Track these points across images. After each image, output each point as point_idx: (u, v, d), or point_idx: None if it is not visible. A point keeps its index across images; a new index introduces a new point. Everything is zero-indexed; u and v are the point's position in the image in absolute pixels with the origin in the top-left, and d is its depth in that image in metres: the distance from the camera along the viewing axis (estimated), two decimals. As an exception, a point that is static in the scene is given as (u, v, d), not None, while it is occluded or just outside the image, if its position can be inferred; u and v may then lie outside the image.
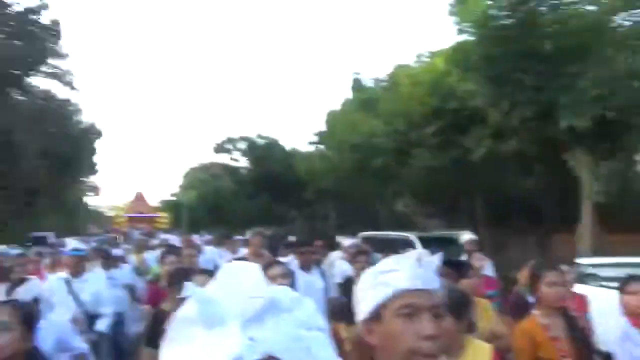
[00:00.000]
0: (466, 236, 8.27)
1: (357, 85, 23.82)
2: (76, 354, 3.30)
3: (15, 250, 13.88)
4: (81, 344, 3.48)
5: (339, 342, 1.97)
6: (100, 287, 4.83)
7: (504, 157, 13.72)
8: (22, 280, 3.25)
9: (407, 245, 12.53)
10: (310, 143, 28.86)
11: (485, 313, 3.18)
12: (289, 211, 33.14)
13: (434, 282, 1.18)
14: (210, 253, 8.27)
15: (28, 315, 2.23)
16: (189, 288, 0.56)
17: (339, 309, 4.40)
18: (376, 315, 1.19)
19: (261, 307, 0.53)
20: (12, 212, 27.62)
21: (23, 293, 2.94)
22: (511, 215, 17.51)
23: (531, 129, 12.26)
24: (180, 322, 0.57)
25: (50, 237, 30.05)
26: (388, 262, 1.21)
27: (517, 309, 3.75)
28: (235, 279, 0.55)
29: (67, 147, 34.59)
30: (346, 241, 6.45)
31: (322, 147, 24.36)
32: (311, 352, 0.54)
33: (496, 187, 15.99)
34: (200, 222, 43.38)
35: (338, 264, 6.27)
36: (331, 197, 25.71)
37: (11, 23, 27.53)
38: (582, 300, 4.12)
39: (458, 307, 1.97)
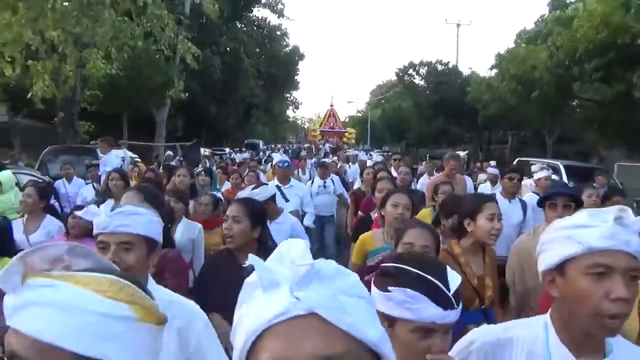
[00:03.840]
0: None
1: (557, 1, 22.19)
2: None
3: (243, 155, 19.73)
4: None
5: None
6: (303, 191, 5.58)
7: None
8: (258, 185, 3.82)
9: (554, 172, 13.90)
10: (490, 68, 29.26)
11: None
12: (465, 134, 34.26)
13: (632, 244, 1.05)
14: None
15: (257, 210, 2.49)
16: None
17: None
18: (560, 269, 1.12)
19: (305, 272, 0.63)
20: (235, 122, 34.34)
21: (257, 194, 3.33)
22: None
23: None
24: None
25: (259, 144, 37.07)
26: (582, 216, 1.12)
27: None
28: (289, 251, 0.68)
29: (276, 68, 40.69)
30: (538, 172, 5.55)
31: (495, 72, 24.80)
32: (346, 311, 0.62)
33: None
34: (382, 138, 47.17)
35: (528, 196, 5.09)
36: (504, 123, 26.28)
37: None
38: None
39: None
